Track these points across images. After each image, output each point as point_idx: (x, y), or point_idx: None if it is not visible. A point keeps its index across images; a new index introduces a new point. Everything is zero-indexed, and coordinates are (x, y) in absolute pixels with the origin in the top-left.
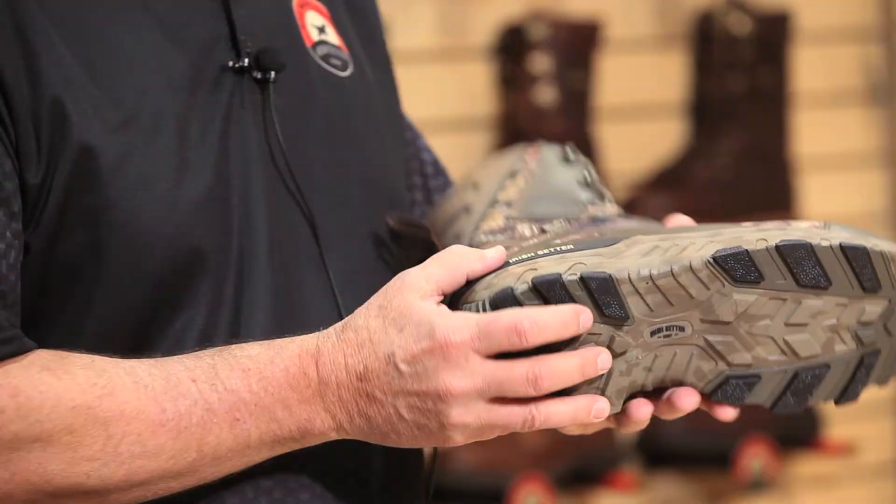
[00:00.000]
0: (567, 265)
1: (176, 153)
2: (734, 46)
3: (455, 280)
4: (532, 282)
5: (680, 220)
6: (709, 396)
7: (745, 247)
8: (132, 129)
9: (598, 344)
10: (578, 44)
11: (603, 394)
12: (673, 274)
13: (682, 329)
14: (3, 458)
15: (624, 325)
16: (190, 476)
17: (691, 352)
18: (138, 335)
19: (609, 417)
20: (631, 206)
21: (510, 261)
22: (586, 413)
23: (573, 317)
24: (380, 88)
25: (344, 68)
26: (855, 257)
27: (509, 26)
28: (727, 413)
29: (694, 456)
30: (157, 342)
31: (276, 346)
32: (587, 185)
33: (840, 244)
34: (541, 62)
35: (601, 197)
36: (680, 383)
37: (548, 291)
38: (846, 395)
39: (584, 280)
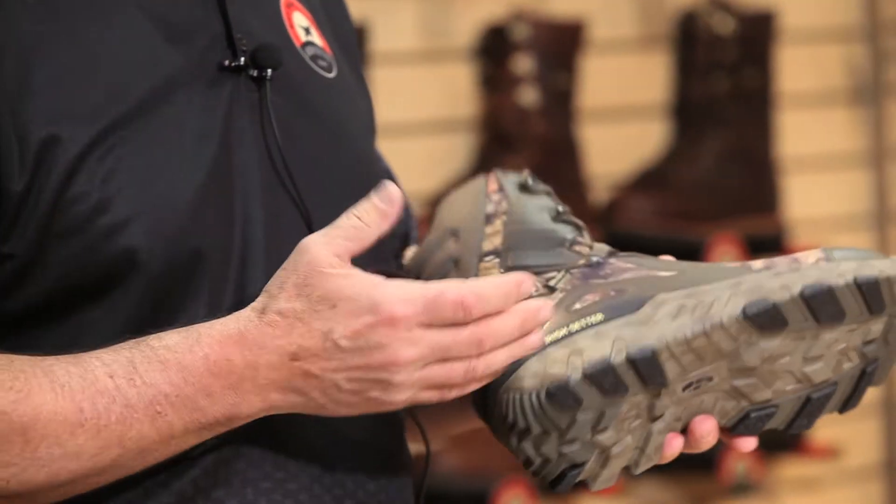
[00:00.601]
0: (608, 343)
1: (176, 152)
2: (718, 46)
3: (359, 247)
4: (584, 372)
5: (666, 258)
6: (729, 430)
7: (772, 298)
8: (131, 128)
9: (639, 411)
10: (561, 44)
11: (642, 453)
12: (706, 333)
13: (710, 379)
14: None
15: (662, 390)
16: (117, 470)
17: (717, 396)
18: (139, 337)
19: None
20: (614, 208)
21: (546, 340)
22: (522, 348)
23: (515, 287)
24: (359, 93)
25: (330, 70)
26: (868, 289)
27: (491, 27)
28: (748, 444)
29: (678, 459)
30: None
31: (195, 335)
32: (560, 217)
33: (855, 280)
34: (523, 63)
35: (577, 229)
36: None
37: (602, 377)
38: (849, 404)
39: (630, 360)
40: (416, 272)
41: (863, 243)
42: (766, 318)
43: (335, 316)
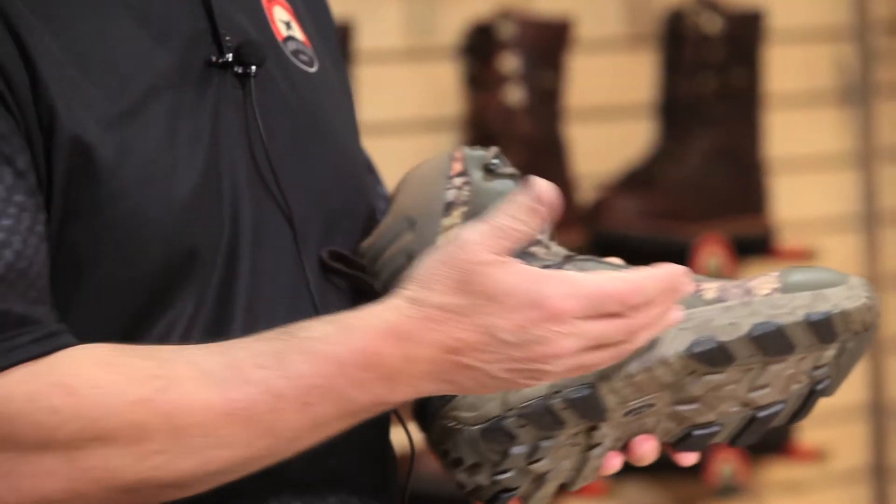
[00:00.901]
0: (545, 385)
1: (170, 150)
2: (705, 46)
3: (516, 244)
4: (519, 412)
5: (612, 260)
6: (672, 446)
7: (719, 338)
8: (127, 125)
9: (576, 440)
10: (548, 43)
11: (579, 474)
12: (649, 370)
13: (651, 406)
14: (66, 457)
15: (602, 421)
16: (269, 458)
17: (659, 418)
18: (126, 332)
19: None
20: (600, 208)
21: None
22: (661, 327)
23: (672, 280)
24: (340, 86)
25: (311, 64)
26: (820, 325)
27: (477, 25)
28: (689, 459)
29: (664, 462)
30: (144, 338)
31: (347, 326)
32: None
33: (806, 318)
34: (509, 62)
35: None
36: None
37: (538, 417)
38: (797, 418)
39: (568, 401)
40: (371, 260)
41: (851, 245)
42: (712, 356)
43: (498, 311)
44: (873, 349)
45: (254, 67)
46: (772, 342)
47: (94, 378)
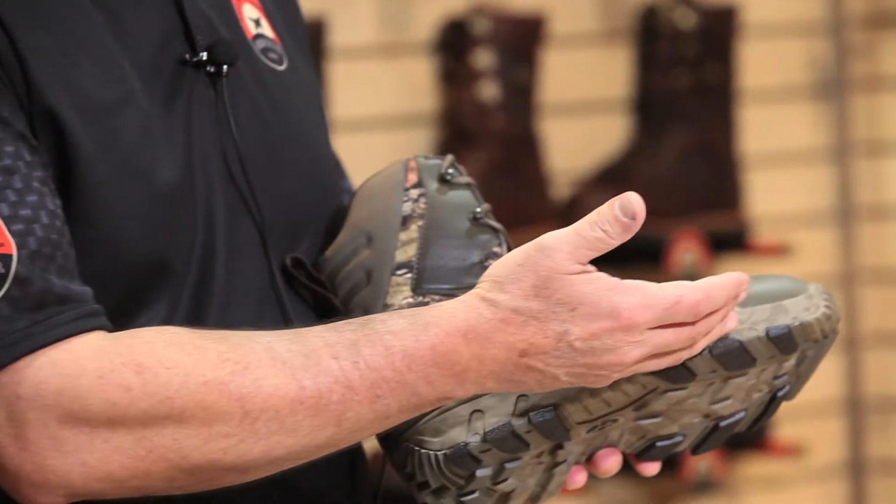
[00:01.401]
0: (510, 403)
1: (148, 147)
2: (679, 41)
3: (598, 255)
4: (484, 437)
5: None
6: (635, 456)
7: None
8: (108, 119)
9: (541, 459)
10: (522, 39)
11: (544, 490)
12: (612, 389)
13: (615, 420)
14: (136, 435)
15: (566, 441)
16: (328, 448)
17: (622, 432)
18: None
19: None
20: (575, 204)
21: None
22: (719, 333)
23: (737, 288)
24: (309, 84)
25: (280, 62)
26: (780, 339)
27: (451, 21)
28: (651, 469)
29: None
30: None
31: (422, 322)
32: (478, 221)
33: (767, 333)
34: (483, 57)
35: (496, 233)
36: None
37: (502, 441)
38: (758, 423)
39: (532, 423)
40: (330, 275)
41: (826, 239)
42: (675, 374)
43: (573, 318)
44: (850, 345)
45: (225, 67)
46: (733, 358)
47: (168, 358)
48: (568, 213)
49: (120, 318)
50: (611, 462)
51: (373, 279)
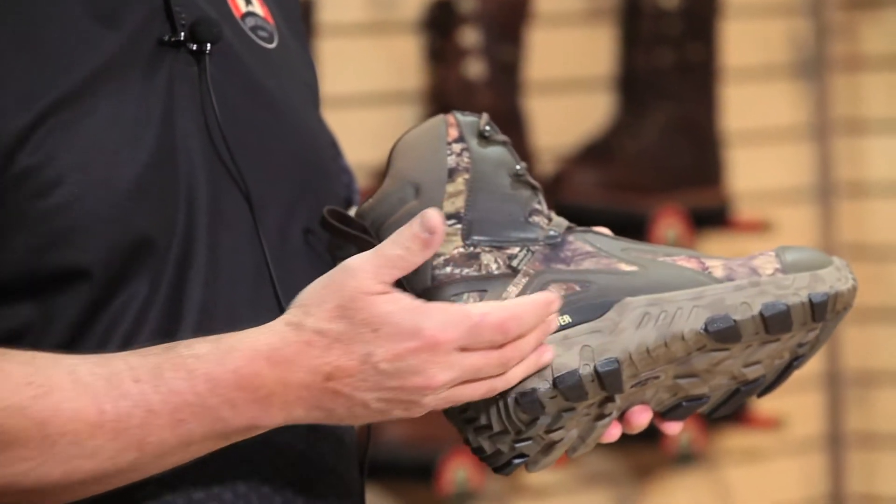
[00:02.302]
0: (576, 352)
1: (114, 134)
2: (662, 21)
3: (402, 274)
4: (553, 382)
5: (602, 230)
6: (660, 415)
7: (733, 316)
8: (65, 111)
9: (589, 411)
10: (507, 17)
11: (583, 442)
12: (666, 345)
13: (657, 377)
14: None
15: (619, 394)
16: (132, 473)
17: (657, 389)
18: (78, 315)
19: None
20: (559, 180)
21: None
22: (537, 366)
23: (547, 308)
24: (301, 61)
25: (270, 40)
26: (819, 306)
27: (438, 0)
28: (674, 428)
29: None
30: (98, 319)
31: (226, 346)
32: (519, 178)
33: (810, 299)
34: (470, 36)
35: (534, 191)
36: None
37: (569, 389)
38: (770, 390)
39: (596, 372)
40: (374, 223)
41: (806, 216)
42: (725, 334)
43: (377, 339)
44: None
45: (209, 45)
46: (777, 322)
47: None
48: (553, 189)
49: (100, 298)
50: (643, 418)
51: None
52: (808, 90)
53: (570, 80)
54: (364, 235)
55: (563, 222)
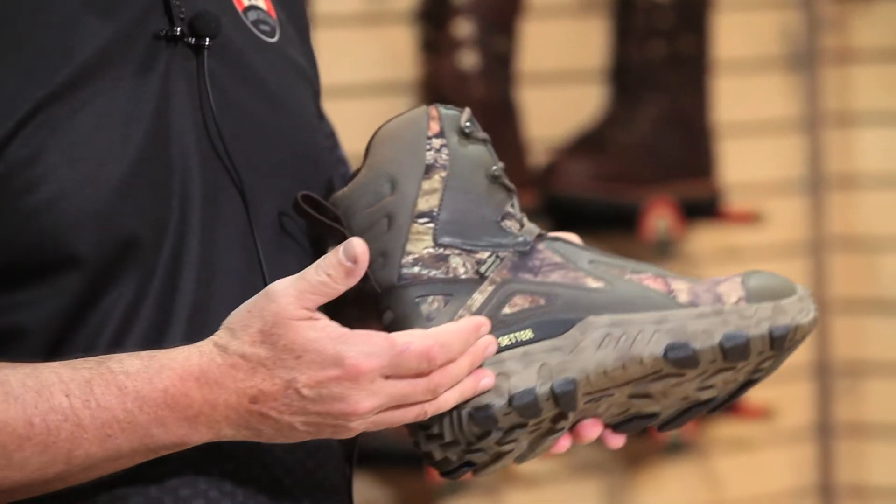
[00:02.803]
0: (534, 370)
1: (106, 129)
2: (655, 13)
3: (325, 300)
4: (509, 399)
5: (571, 237)
6: (610, 427)
7: (693, 345)
8: (61, 105)
9: (542, 427)
10: (501, 9)
11: (532, 452)
12: (624, 367)
13: (611, 395)
14: None
15: (572, 411)
16: (59, 483)
17: (610, 404)
18: (66, 312)
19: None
20: (552, 171)
21: None
22: (473, 391)
23: (475, 332)
24: (303, 56)
25: (272, 34)
26: (778, 337)
27: None
28: (618, 442)
29: None
30: (87, 316)
31: (157, 365)
32: (496, 180)
33: (770, 332)
34: (464, 27)
35: (509, 193)
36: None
37: (525, 407)
38: (720, 408)
39: (552, 392)
40: (346, 212)
41: (797, 208)
42: (683, 361)
43: (299, 365)
44: (819, 310)
45: (207, 39)
46: (737, 352)
47: None
48: (545, 179)
49: (89, 296)
50: (593, 431)
51: (394, 224)
52: (799, 82)
53: (563, 72)
54: (335, 224)
55: (534, 229)
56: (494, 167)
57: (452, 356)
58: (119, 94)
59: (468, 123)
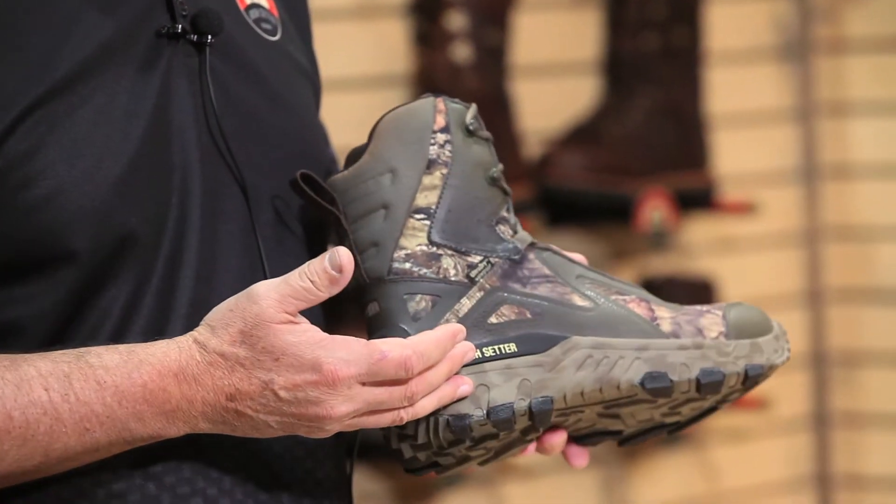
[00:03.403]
0: (514, 385)
1: (105, 126)
2: (647, 5)
3: (307, 306)
4: (487, 412)
5: (578, 258)
6: (575, 440)
7: (670, 376)
8: (59, 102)
9: (512, 438)
10: (494, 1)
11: (497, 457)
12: (601, 390)
13: (581, 412)
14: None
15: (544, 426)
16: (36, 474)
17: (579, 419)
18: (64, 308)
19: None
20: (546, 163)
21: None
22: (451, 398)
23: (452, 339)
24: (303, 54)
25: (274, 33)
26: (753, 377)
27: None
28: (581, 461)
29: None
30: (86, 313)
31: (136, 360)
32: (495, 182)
33: (745, 371)
34: (457, 19)
35: (506, 196)
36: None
37: (501, 421)
38: (682, 430)
39: (529, 409)
40: (343, 196)
41: (791, 198)
42: (659, 391)
43: (277, 368)
44: (814, 300)
45: (209, 37)
46: (711, 387)
47: None
48: (539, 171)
49: (87, 292)
50: (558, 441)
51: (390, 216)
52: (792, 73)
53: (557, 64)
54: (331, 207)
55: (526, 237)
56: (494, 169)
57: (430, 364)
58: (119, 90)
59: (473, 121)
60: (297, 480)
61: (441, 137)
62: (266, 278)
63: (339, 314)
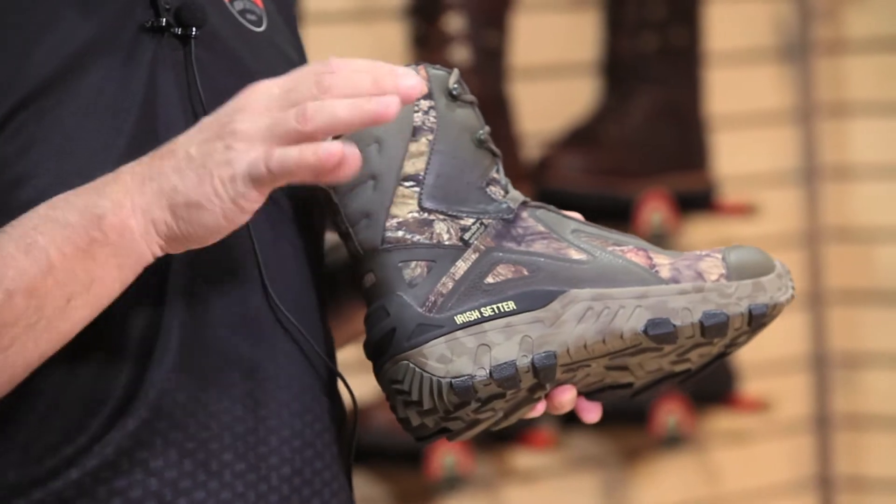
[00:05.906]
0: (516, 342)
1: (87, 124)
2: (646, 5)
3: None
4: (489, 371)
5: (574, 215)
6: (583, 395)
7: (673, 321)
8: (46, 100)
9: (518, 397)
10: (492, 3)
11: (507, 419)
12: (604, 341)
13: (588, 366)
14: None
15: (550, 382)
16: (31, 332)
17: (587, 373)
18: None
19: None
20: (545, 165)
21: (456, 319)
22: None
23: (390, 70)
24: (290, 45)
25: (259, 24)
26: (757, 315)
27: None
28: (593, 416)
29: (610, 413)
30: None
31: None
32: (482, 144)
33: (749, 310)
34: (455, 22)
35: (495, 158)
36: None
37: (504, 379)
38: (693, 379)
39: (533, 365)
40: None
41: (791, 199)
42: (662, 338)
43: (202, 120)
44: (815, 301)
45: (194, 29)
46: (716, 330)
47: None
48: (538, 174)
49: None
50: (567, 397)
51: (379, 186)
52: (792, 73)
53: (555, 66)
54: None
55: (518, 196)
56: (481, 131)
57: (353, 69)
58: (106, 86)
59: (456, 85)
60: (297, 472)
61: (424, 104)
62: (257, 263)
63: (336, 297)
